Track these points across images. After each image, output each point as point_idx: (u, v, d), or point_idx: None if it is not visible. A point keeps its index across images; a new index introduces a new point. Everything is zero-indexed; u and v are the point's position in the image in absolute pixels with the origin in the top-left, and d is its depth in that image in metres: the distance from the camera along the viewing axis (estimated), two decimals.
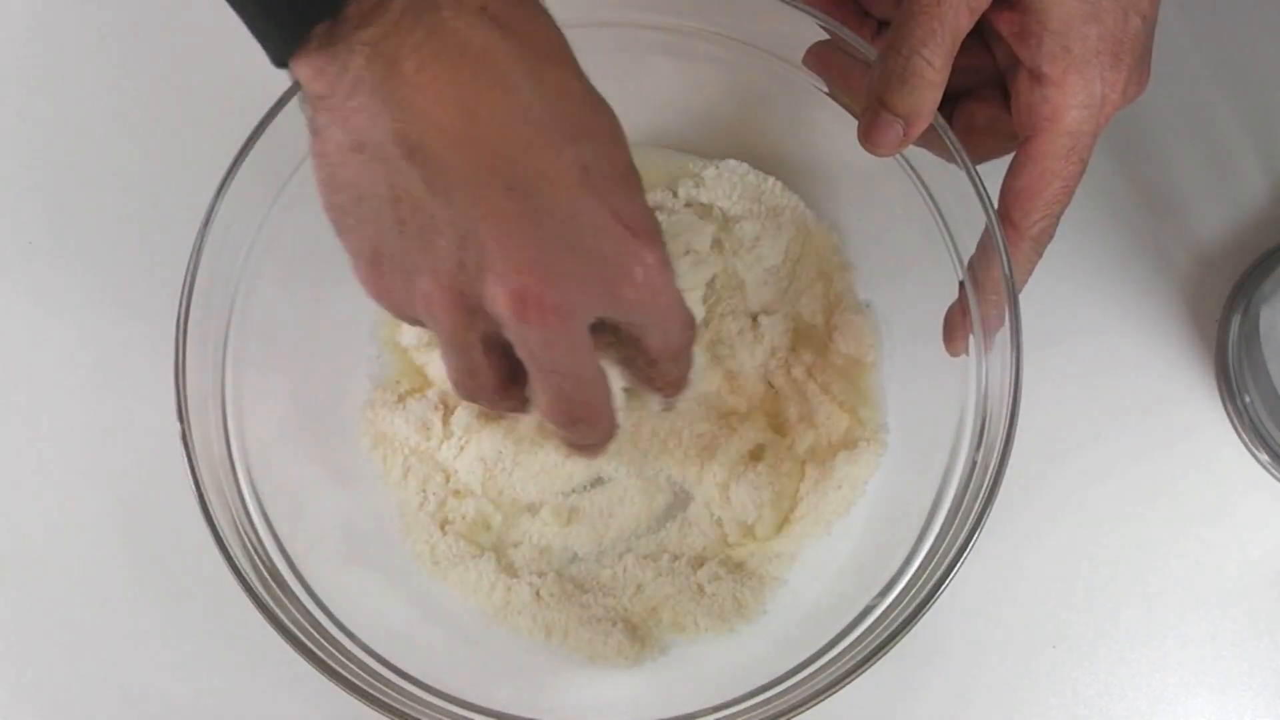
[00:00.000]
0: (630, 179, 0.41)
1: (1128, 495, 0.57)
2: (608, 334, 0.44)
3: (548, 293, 0.39)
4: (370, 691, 0.46)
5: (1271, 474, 0.58)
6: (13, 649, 0.55)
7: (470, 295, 0.39)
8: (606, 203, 0.40)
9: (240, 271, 0.52)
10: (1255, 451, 0.58)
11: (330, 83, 0.37)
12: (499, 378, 0.44)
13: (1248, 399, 0.57)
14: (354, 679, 0.46)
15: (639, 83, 0.48)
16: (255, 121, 0.49)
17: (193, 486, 0.47)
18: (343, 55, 0.37)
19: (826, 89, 0.53)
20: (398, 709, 0.45)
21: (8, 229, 0.60)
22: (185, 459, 0.47)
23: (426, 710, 0.46)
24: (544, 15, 0.40)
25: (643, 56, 0.49)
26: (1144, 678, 0.55)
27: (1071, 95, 0.45)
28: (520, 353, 0.41)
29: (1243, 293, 0.59)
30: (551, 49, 0.39)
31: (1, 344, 0.59)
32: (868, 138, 0.47)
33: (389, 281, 0.41)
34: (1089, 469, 0.57)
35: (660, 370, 0.47)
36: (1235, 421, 0.58)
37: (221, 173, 0.49)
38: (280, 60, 0.38)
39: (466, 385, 0.45)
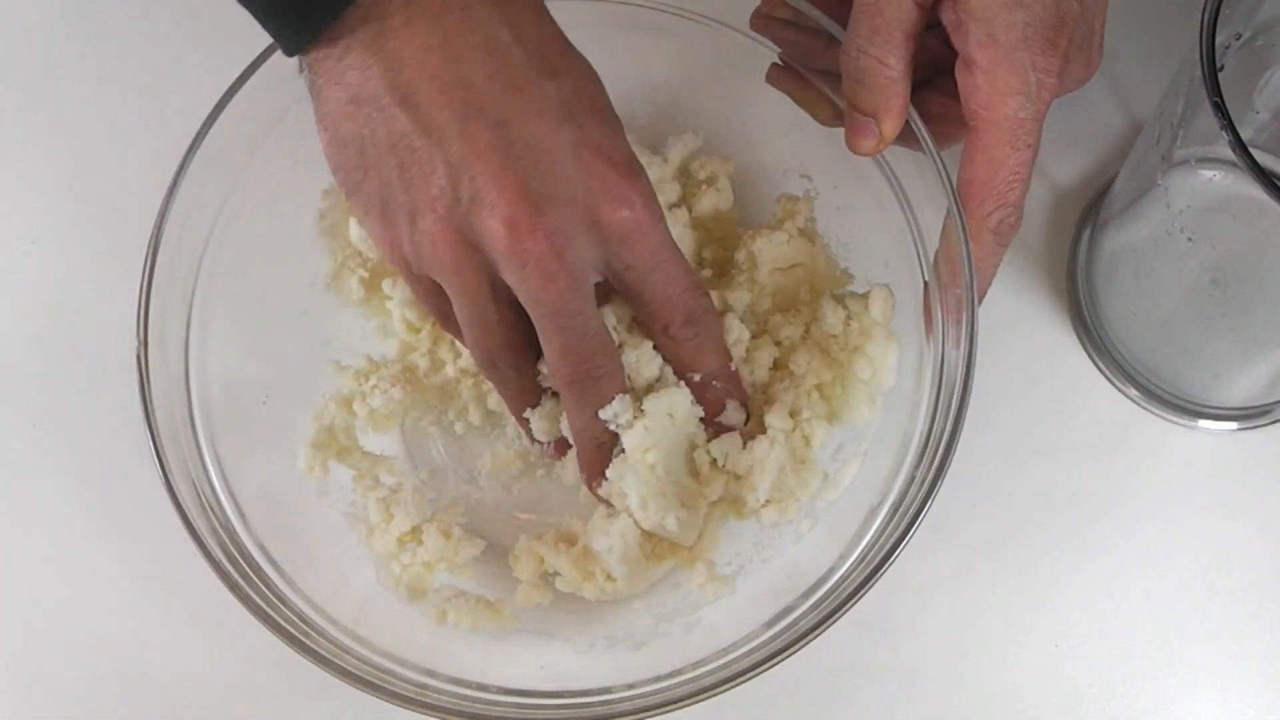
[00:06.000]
0: (609, 117, 0.43)
1: (1130, 492, 0.56)
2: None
3: (538, 220, 0.40)
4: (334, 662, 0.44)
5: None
6: None
7: (468, 230, 0.41)
8: (588, 136, 0.42)
9: (207, 236, 0.51)
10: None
11: (325, 48, 0.40)
12: (513, 335, 0.45)
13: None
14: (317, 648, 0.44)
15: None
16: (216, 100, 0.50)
17: (154, 457, 0.47)
18: (337, 26, 0.40)
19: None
20: (362, 677, 0.44)
21: None
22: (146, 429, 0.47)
23: (394, 681, 0.45)
24: None
25: (603, 31, 0.49)
26: (1146, 676, 0.54)
27: (1004, 82, 0.45)
28: (523, 298, 0.42)
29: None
30: (526, 1, 0.42)
31: None
32: (847, 139, 0.48)
33: (396, 230, 0.42)
34: (1088, 466, 0.57)
35: (680, 344, 0.47)
36: None
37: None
38: (292, 53, 0.42)
39: (483, 343, 0.45)
